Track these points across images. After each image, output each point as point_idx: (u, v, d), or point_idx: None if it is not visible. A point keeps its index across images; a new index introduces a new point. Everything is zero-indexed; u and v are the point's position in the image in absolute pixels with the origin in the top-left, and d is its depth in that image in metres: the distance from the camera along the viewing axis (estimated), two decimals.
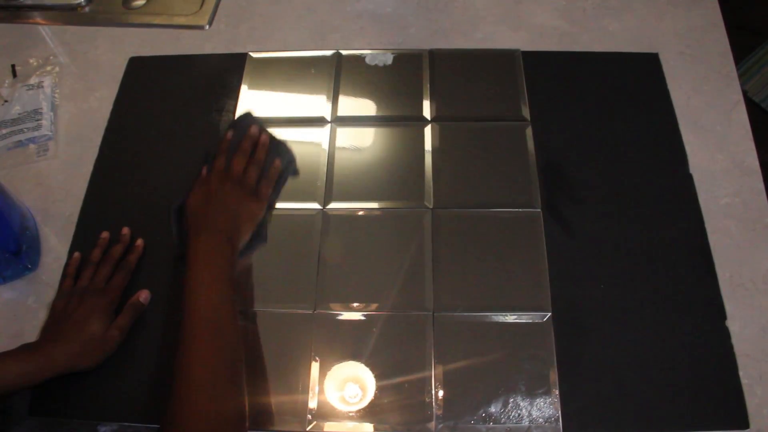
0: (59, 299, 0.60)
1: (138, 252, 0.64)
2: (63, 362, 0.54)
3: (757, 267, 0.61)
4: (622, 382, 0.56)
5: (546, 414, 0.54)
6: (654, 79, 0.73)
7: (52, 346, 0.54)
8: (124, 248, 0.64)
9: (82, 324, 0.56)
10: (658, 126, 0.70)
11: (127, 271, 0.62)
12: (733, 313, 0.58)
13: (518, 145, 0.68)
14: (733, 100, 0.72)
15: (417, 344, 0.57)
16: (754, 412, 0.54)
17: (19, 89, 0.79)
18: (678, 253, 0.62)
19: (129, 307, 0.60)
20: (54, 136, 0.75)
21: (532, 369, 0.56)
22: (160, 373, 0.58)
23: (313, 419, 0.55)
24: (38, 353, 0.54)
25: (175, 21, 0.84)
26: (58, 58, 0.82)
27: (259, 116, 0.68)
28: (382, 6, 0.83)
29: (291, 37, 0.82)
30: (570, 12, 0.80)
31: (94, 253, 0.64)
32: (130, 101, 0.77)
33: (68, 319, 0.57)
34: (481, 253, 0.62)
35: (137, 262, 0.64)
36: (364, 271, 0.62)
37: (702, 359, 0.56)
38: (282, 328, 0.59)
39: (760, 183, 0.66)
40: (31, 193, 0.71)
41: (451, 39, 0.79)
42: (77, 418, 0.57)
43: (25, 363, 0.52)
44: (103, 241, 0.65)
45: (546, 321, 0.58)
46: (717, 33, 0.77)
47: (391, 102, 0.73)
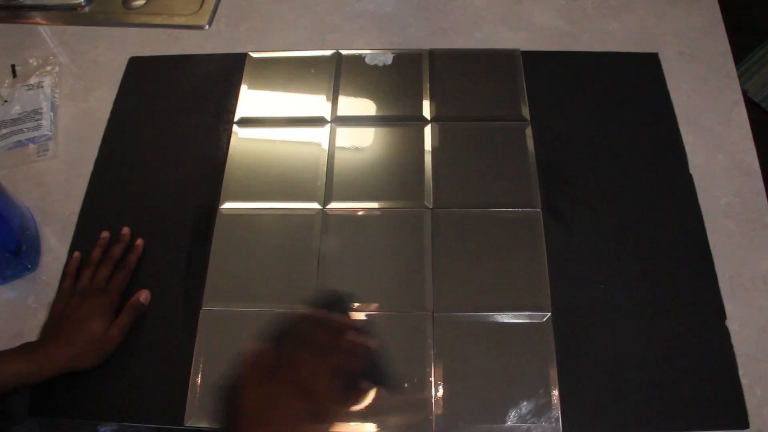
0: (59, 299, 0.60)
1: (138, 252, 0.64)
2: (63, 362, 0.54)
3: (757, 267, 0.61)
4: (622, 382, 0.56)
5: (546, 414, 0.54)
6: (654, 79, 0.73)
7: (52, 346, 0.54)
8: (124, 248, 0.64)
9: (83, 324, 0.56)
10: (658, 126, 0.70)
11: (127, 271, 0.62)
12: (733, 313, 0.58)
13: (518, 144, 0.68)
14: (733, 100, 0.72)
15: (417, 344, 0.57)
16: (754, 412, 0.54)
17: (19, 89, 0.79)
18: (678, 253, 0.62)
19: (129, 307, 0.60)
20: (54, 136, 0.75)
21: (531, 369, 0.56)
22: (161, 373, 0.58)
23: None
24: (38, 352, 0.54)
25: (175, 21, 0.84)
26: (58, 58, 0.82)
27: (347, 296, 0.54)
28: (382, 6, 0.83)
29: (291, 37, 0.82)
30: (570, 12, 0.80)
31: (95, 252, 0.64)
32: (130, 101, 0.77)
33: (68, 319, 0.57)
34: (481, 253, 0.62)
35: (137, 262, 0.64)
36: (363, 271, 0.62)
37: (702, 359, 0.56)
38: None
39: (760, 183, 0.66)
40: (31, 193, 0.71)
41: (450, 39, 0.79)
42: (77, 418, 0.57)
43: (25, 362, 0.53)
44: (104, 241, 0.65)
45: (546, 321, 0.58)
46: (717, 33, 0.77)
47: (390, 102, 0.73)
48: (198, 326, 0.59)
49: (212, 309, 0.60)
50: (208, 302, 0.61)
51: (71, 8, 0.88)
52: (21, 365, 0.52)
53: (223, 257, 0.63)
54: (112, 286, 0.60)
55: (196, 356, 0.58)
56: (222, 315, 0.60)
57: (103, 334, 0.57)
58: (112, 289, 0.60)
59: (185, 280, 0.63)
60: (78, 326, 0.56)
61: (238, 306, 0.60)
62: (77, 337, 0.55)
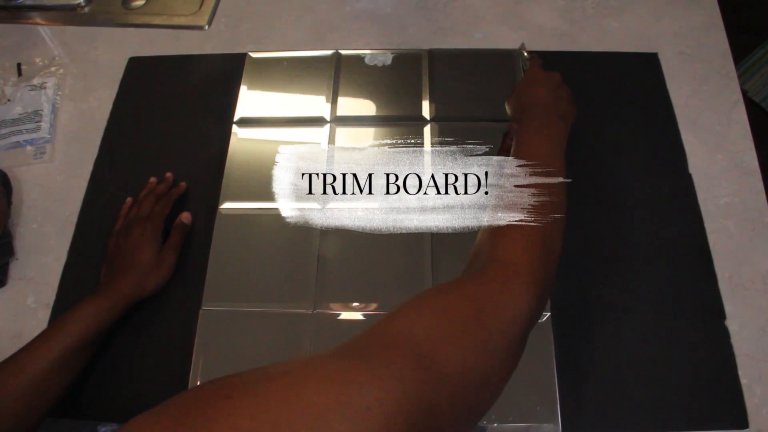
0: (112, 240, 0.64)
1: (180, 189, 0.68)
2: (130, 291, 0.58)
3: (757, 267, 0.61)
4: (622, 382, 0.56)
5: (546, 414, 0.54)
6: (653, 79, 0.73)
7: (115, 280, 0.58)
8: (167, 188, 0.68)
9: (134, 252, 0.60)
10: (658, 126, 0.70)
11: (168, 201, 0.66)
12: (733, 313, 0.58)
13: None
14: (733, 100, 0.72)
15: None
16: (754, 411, 0.54)
17: (22, 89, 0.79)
18: (678, 253, 0.62)
19: (175, 228, 0.65)
20: (52, 139, 0.75)
21: (531, 369, 0.56)
22: (161, 373, 0.58)
23: None
24: (105, 288, 0.57)
25: (175, 21, 0.84)
26: (63, 59, 0.82)
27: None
28: (382, 6, 0.83)
29: (290, 37, 0.82)
30: (570, 12, 0.80)
31: (142, 194, 0.68)
32: (130, 101, 0.77)
33: (121, 252, 0.61)
34: None
35: (177, 197, 0.68)
36: (363, 271, 0.62)
37: (702, 359, 0.56)
38: (282, 327, 0.59)
39: (760, 183, 0.66)
40: (31, 193, 0.71)
41: (450, 39, 0.79)
42: (77, 418, 0.57)
43: (98, 302, 0.55)
44: (152, 185, 0.69)
45: (546, 321, 0.58)
46: (716, 33, 0.77)
47: (390, 102, 0.73)
48: (198, 326, 0.59)
49: (212, 309, 0.60)
50: (208, 302, 0.61)
51: (71, 8, 0.88)
52: (97, 306, 0.55)
53: (222, 257, 0.63)
54: (153, 213, 0.64)
55: (196, 356, 0.58)
56: (222, 315, 0.60)
57: (156, 257, 0.61)
58: (154, 216, 0.63)
59: (185, 280, 0.63)
60: (131, 256, 0.60)
61: (237, 306, 0.60)
62: (133, 265, 0.59)
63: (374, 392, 0.26)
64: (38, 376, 0.50)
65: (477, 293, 0.37)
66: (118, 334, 0.60)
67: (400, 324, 0.33)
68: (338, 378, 0.26)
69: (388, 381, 0.27)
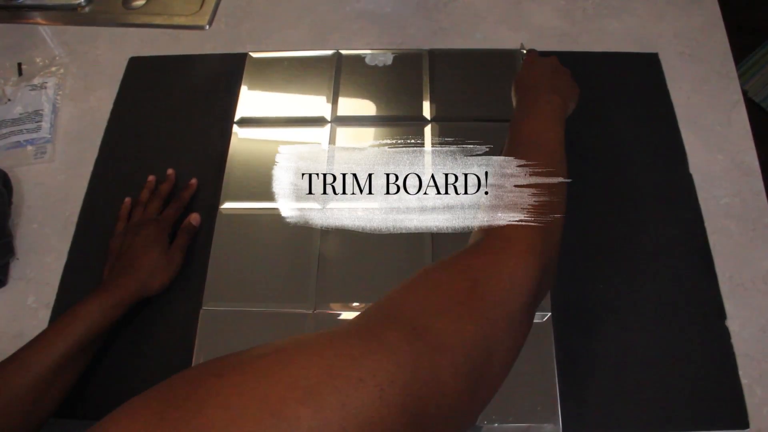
0: (115, 240, 0.63)
1: (192, 189, 0.67)
2: (135, 288, 0.57)
3: (757, 267, 0.61)
4: (622, 382, 0.56)
5: (546, 414, 0.54)
6: (654, 79, 0.73)
7: (120, 277, 0.57)
8: (170, 186, 0.67)
9: (142, 252, 0.59)
10: (658, 126, 0.70)
11: (180, 204, 0.65)
12: (733, 313, 0.58)
13: None
14: (733, 100, 0.72)
15: None
16: (754, 411, 0.54)
17: (22, 89, 0.79)
18: (678, 253, 0.62)
19: (182, 230, 0.64)
20: (52, 139, 0.75)
21: (531, 369, 0.56)
22: (162, 373, 0.58)
23: None
24: (111, 285, 0.56)
25: (175, 21, 0.84)
26: (63, 59, 0.82)
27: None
28: (382, 6, 0.83)
29: (291, 37, 0.82)
30: (570, 12, 0.80)
31: (143, 194, 0.67)
32: (130, 101, 0.77)
33: (128, 251, 0.60)
34: None
35: (189, 199, 0.67)
36: (364, 271, 0.62)
37: (702, 359, 0.56)
38: (282, 328, 0.59)
39: (760, 183, 0.66)
40: (32, 193, 0.71)
41: (450, 39, 0.79)
42: (77, 418, 0.57)
43: (103, 300, 0.55)
44: (151, 184, 0.68)
45: (546, 321, 0.58)
46: (717, 33, 0.77)
47: (390, 102, 0.73)
48: (198, 326, 0.59)
49: (212, 309, 0.60)
50: (208, 302, 0.61)
51: (71, 8, 0.88)
52: (101, 303, 0.54)
53: (223, 257, 0.63)
54: (164, 216, 0.63)
55: (196, 356, 0.58)
56: (222, 315, 0.60)
57: (163, 257, 0.60)
58: (165, 219, 0.63)
59: (185, 279, 0.63)
60: (139, 255, 0.59)
61: (238, 306, 0.60)
62: (140, 264, 0.59)
63: (366, 364, 0.26)
64: (43, 374, 0.49)
65: (471, 265, 0.36)
66: (119, 334, 0.60)
67: (394, 301, 0.33)
68: (328, 352, 0.26)
69: (380, 353, 0.27)
